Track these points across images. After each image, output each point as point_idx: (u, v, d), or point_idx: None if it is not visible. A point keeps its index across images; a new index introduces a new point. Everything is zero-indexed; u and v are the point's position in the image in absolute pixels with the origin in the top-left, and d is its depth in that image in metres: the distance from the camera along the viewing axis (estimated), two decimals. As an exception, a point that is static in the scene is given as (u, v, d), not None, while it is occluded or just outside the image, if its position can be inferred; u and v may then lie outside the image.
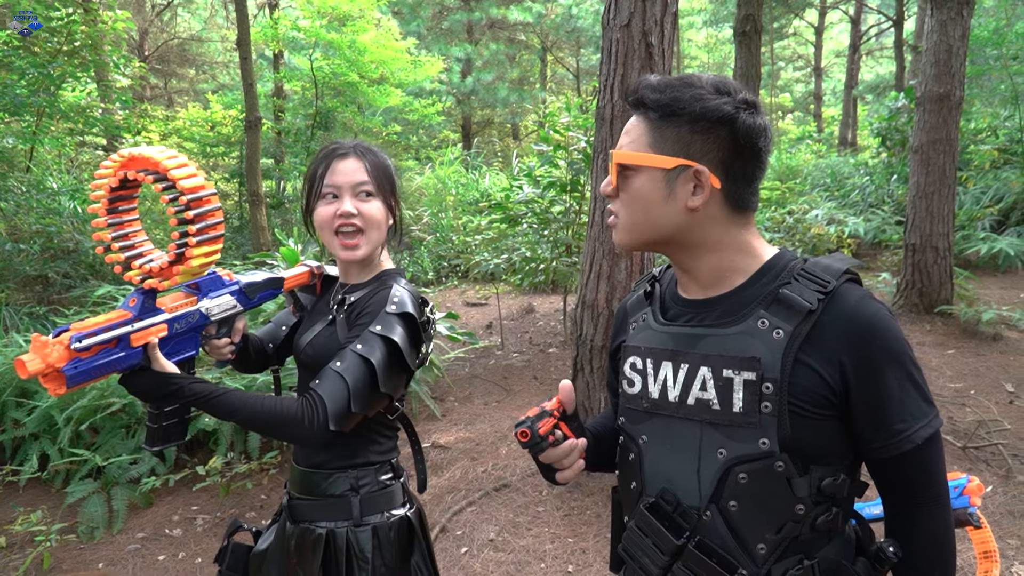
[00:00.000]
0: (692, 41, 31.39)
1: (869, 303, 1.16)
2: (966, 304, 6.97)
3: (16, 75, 8.23)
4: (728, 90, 1.18)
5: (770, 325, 1.16)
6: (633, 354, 1.34)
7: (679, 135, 1.18)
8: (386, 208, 1.82)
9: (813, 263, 1.20)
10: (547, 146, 7.27)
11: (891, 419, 1.15)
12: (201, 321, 1.66)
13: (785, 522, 1.17)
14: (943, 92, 6.83)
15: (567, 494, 4.13)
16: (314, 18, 12.70)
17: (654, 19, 3.90)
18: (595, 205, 4.17)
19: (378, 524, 1.79)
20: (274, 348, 2.00)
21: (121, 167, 1.53)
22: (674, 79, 1.21)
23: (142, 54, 19.59)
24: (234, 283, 1.75)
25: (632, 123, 1.25)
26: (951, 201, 7.04)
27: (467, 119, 23.58)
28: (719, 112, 1.16)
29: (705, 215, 1.21)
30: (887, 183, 11.84)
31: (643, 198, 1.22)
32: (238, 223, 13.09)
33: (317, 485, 1.80)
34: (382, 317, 1.71)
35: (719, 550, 1.20)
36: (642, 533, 1.28)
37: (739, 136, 1.18)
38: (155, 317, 1.55)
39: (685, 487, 1.24)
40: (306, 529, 1.79)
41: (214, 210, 1.56)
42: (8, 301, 7.06)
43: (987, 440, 4.50)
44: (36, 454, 4.63)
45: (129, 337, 1.48)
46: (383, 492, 1.82)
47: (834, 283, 1.16)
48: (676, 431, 1.26)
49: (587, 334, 4.21)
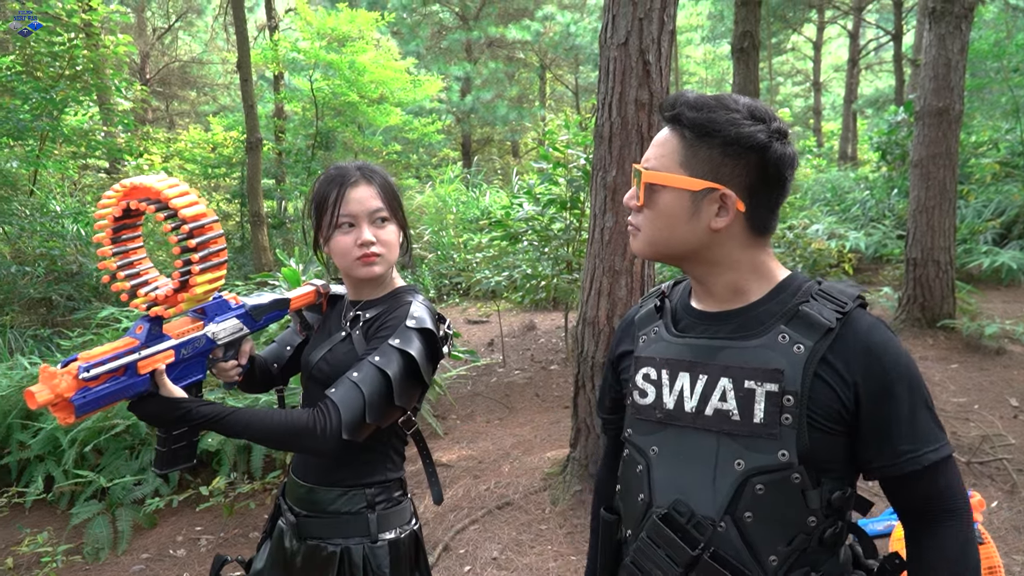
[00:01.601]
0: (691, 57, 31.55)
1: (880, 328, 1.21)
2: (969, 318, 6.97)
3: (19, 100, 8.30)
4: (763, 117, 1.20)
5: (791, 340, 1.19)
6: (647, 365, 1.35)
7: (711, 157, 1.20)
8: (399, 228, 1.85)
9: (829, 285, 1.25)
10: (547, 164, 7.29)
11: (897, 440, 1.17)
12: (208, 346, 1.67)
13: (797, 534, 1.19)
14: (942, 106, 6.85)
15: (570, 512, 4.12)
16: (314, 39, 12.79)
17: (651, 37, 3.94)
18: (595, 222, 4.19)
19: (393, 540, 1.81)
20: (279, 368, 2.01)
21: (123, 197, 1.55)
22: (710, 98, 1.23)
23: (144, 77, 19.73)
24: (240, 306, 1.77)
25: (664, 137, 1.27)
26: (952, 215, 7.05)
27: (467, 137, 23.66)
28: (753, 140, 1.18)
29: (726, 236, 1.24)
30: (887, 197, 11.86)
31: (668, 215, 1.24)
32: (240, 243, 13.11)
33: (331, 503, 1.80)
34: (401, 331, 1.72)
35: (733, 561, 1.21)
36: (654, 544, 1.27)
37: (769, 165, 1.20)
38: (162, 344, 1.57)
39: (700, 498, 1.24)
40: (316, 546, 1.78)
41: (217, 237, 1.58)
42: (13, 324, 7.08)
43: (991, 455, 4.49)
44: (41, 476, 4.64)
45: (136, 365, 1.50)
46: (396, 509, 1.85)
47: (851, 305, 1.20)
48: (691, 442, 1.27)
49: (588, 351, 4.21)
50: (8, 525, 4.48)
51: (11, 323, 7.03)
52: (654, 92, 3.96)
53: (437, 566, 3.76)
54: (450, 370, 6.81)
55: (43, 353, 6.30)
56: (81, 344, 5.55)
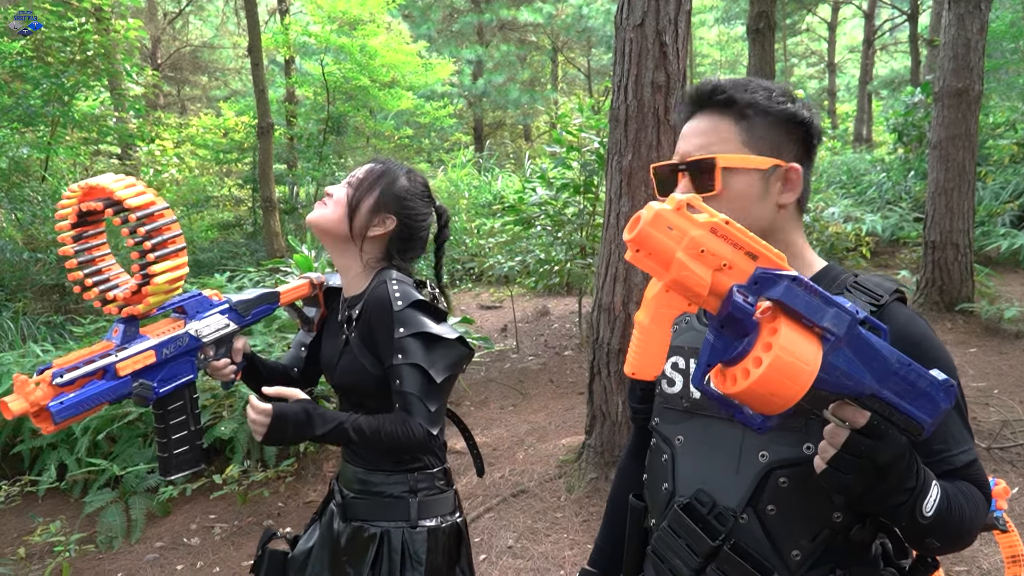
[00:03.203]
0: (704, 39, 31.28)
1: (917, 322, 1.18)
2: (987, 301, 6.88)
3: (30, 85, 8.28)
4: (792, 96, 1.25)
5: None
6: (676, 354, 1.34)
7: (770, 135, 1.23)
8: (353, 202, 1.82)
9: (865, 278, 1.22)
10: (560, 147, 7.24)
11: (930, 439, 1.11)
12: (192, 344, 1.64)
13: (822, 530, 1.16)
14: (962, 87, 6.74)
15: (586, 499, 4.09)
16: (324, 23, 12.70)
17: (668, 18, 3.86)
18: (610, 207, 4.13)
19: (432, 527, 1.82)
20: (300, 372, 1.99)
21: (79, 200, 1.53)
22: (743, 80, 1.26)
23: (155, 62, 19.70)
24: (223, 302, 1.73)
25: (712, 123, 1.25)
26: (970, 197, 6.95)
27: (479, 121, 23.57)
28: (800, 115, 1.23)
29: (787, 215, 1.26)
30: (904, 179, 11.73)
31: (743, 197, 1.23)
32: (252, 229, 13.11)
33: (376, 485, 1.82)
34: (398, 318, 1.73)
35: (754, 554, 1.19)
36: (675, 534, 1.26)
37: (812, 138, 1.26)
38: (141, 344, 1.54)
39: (722, 488, 1.23)
40: (359, 527, 1.81)
41: (168, 224, 1.54)
42: (25, 310, 7.09)
43: (1012, 441, 4.43)
44: (54, 464, 4.64)
45: (115, 367, 1.47)
46: (440, 496, 1.87)
47: (886, 298, 1.18)
48: (716, 432, 1.25)
49: (604, 337, 4.16)
50: (21, 514, 4.49)
51: (24, 310, 7.04)
52: (671, 74, 3.89)
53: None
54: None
55: (55, 340, 6.30)
56: (94, 331, 5.54)
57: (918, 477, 1.03)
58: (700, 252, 0.92)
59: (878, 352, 0.92)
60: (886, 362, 0.92)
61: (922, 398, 0.94)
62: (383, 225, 1.83)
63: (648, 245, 0.95)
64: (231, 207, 14.50)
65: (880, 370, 0.92)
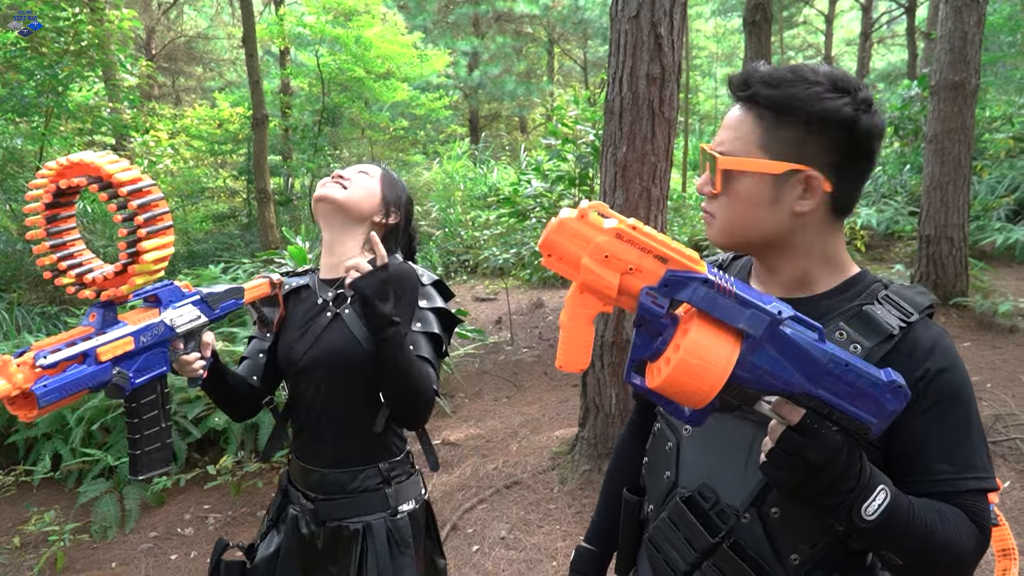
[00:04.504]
0: (700, 31, 31.18)
1: (944, 343, 1.13)
2: (981, 296, 6.90)
3: (24, 76, 8.24)
4: (848, 88, 1.11)
5: (848, 339, 1.13)
6: None
7: (793, 137, 1.12)
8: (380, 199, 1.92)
9: (897, 290, 1.17)
10: (555, 140, 7.24)
11: (936, 459, 1.10)
12: (167, 334, 1.58)
13: (823, 536, 1.14)
14: (958, 80, 6.73)
15: (578, 491, 4.10)
16: (320, 14, 12.66)
17: (663, 10, 3.85)
18: (605, 199, 4.13)
19: (411, 511, 1.87)
20: (259, 380, 1.93)
21: (56, 177, 1.47)
22: (786, 71, 1.13)
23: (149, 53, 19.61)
24: (194, 293, 1.68)
25: (737, 117, 1.17)
26: (966, 191, 6.95)
27: (474, 113, 23.52)
28: (839, 115, 1.09)
29: (809, 220, 1.16)
30: (900, 173, 11.72)
31: (748, 202, 1.16)
32: (246, 221, 13.08)
33: (348, 483, 1.83)
34: (423, 292, 1.86)
35: (752, 555, 1.17)
36: (674, 526, 1.25)
37: (858, 140, 1.12)
38: (120, 330, 1.49)
39: (728, 486, 1.21)
40: (337, 527, 1.81)
41: (157, 200, 1.48)
42: (20, 301, 7.07)
43: (1004, 435, 4.45)
44: (49, 454, 4.64)
45: (95, 351, 1.42)
46: (410, 480, 1.91)
47: (916, 316, 1.13)
48: (727, 427, 1.22)
49: (597, 330, 4.17)
50: (15, 503, 4.49)
51: (18, 300, 7.02)
52: (666, 66, 3.89)
53: (445, 545, 3.75)
54: (458, 348, 6.78)
55: (50, 331, 6.30)
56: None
57: (859, 478, 1.00)
58: (605, 257, 0.98)
59: (806, 352, 0.94)
60: (816, 362, 0.94)
61: (863, 398, 0.96)
62: (395, 216, 1.94)
63: (556, 251, 1.01)
64: (226, 198, 14.45)
65: (811, 369, 0.94)
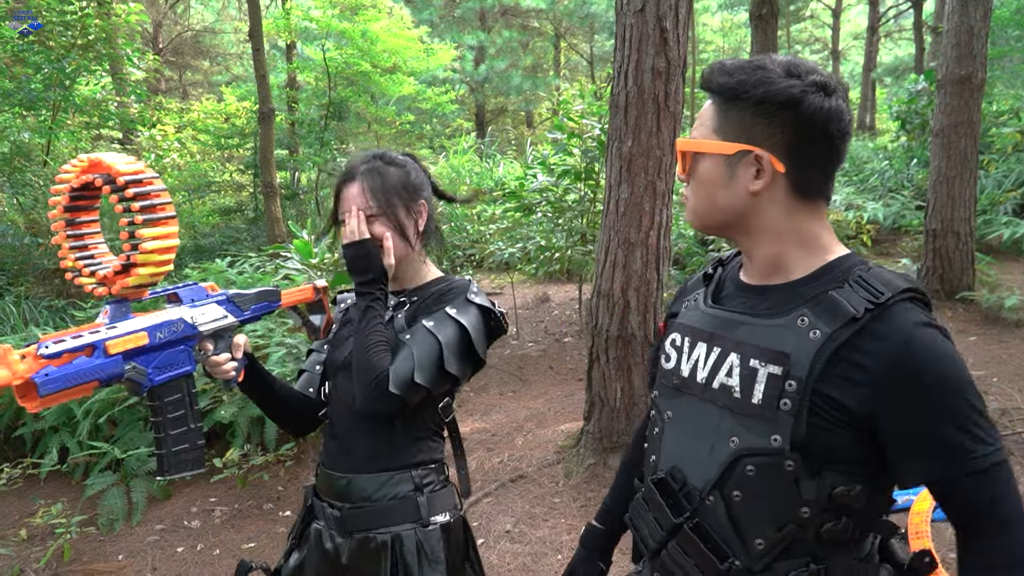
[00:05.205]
0: (707, 25, 31.08)
1: (926, 330, 1.09)
2: (988, 290, 6.88)
3: (32, 70, 8.26)
4: (798, 72, 1.16)
5: (808, 324, 1.13)
6: (676, 331, 1.36)
7: (742, 119, 1.17)
8: (395, 223, 1.76)
9: (875, 273, 1.15)
10: (561, 134, 7.22)
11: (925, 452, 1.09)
12: (188, 331, 1.56)
13: (787, 522, 1.15)
14: (964, 74, 6.71)
15: (584, 485, 4.11)
16: (326, 7, 12.66)
17: (669, 4, 3.85)
18: (610, 194, 4.13)
19: (444, 523, 1.76)
20: (315, 391, 1.91)
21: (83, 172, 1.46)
22: (746, 62, 1.19)
23: (156, 47, 19.64)
24: (219, 293, 1.67)
25: (704, 107, 1.25)
26: (972, 185, 6.94)
27: (480, 107, 23.52)
28: (784, 95, 1.14)
29: (768, 199, 1.19)
30: (907, 167, 11.68)
31: (706, 182, 1.23)
32: (253, 215, 13.10)
33: (376, 489, 1.73)
34: (461, 303, 1.74)
35: (716, 537, 1.20)
36: (646, 505, 1.31)
37: (805, 121, 1.14)
38: (132, 323, 1.47)
39: (694, 469, 1.24)
40: (364, 539, 1.71)
41: (157, 191, 1.45)
42: (27, 294, 7.10)
43: (1011, 429, 4.43)
44: (56, 447, 4.66)
45: (104, 344, 1.40)
46: (444, 491, 1.80)
47: (887, 296, 1.10)
48: (698, 412, 1.26)
49: (603, 324, 4.17)
50: (23, 496, 4.52)
51: (25, 294, 7.05)
52: (671, 60, 3.88)
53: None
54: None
55: (57, 324, 6.33)
56: (96, 315, 5.55)
57: None
58: None
59: None
60: None
61: None
62: (422, 213, 1.82)
63: None
64: (232, 192, 14.48)
65: None
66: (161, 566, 3.84)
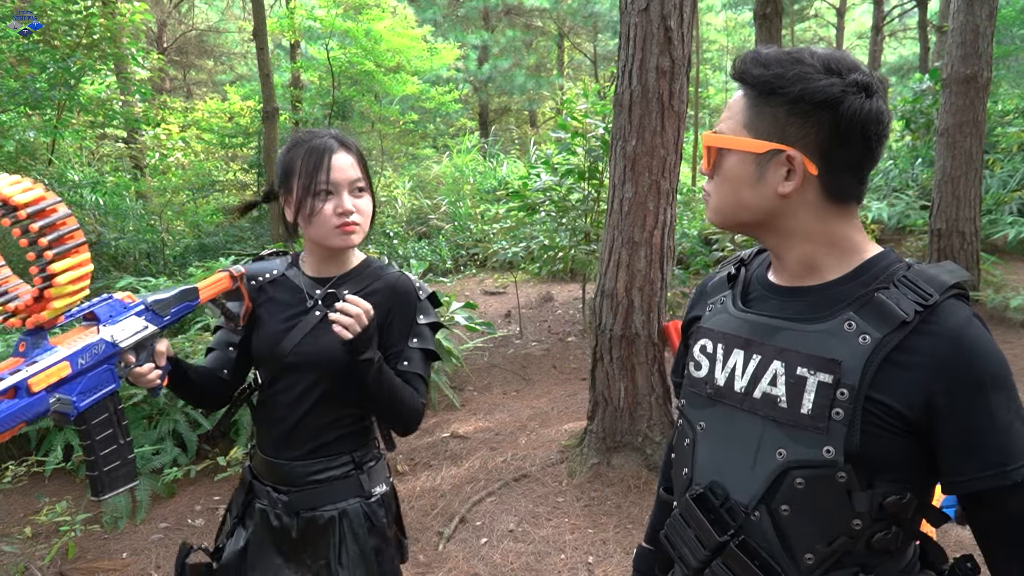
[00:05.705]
0: (711, 24, 31.04)
1: (973, 326, 1.06)
2: (993, 290, 6.87)
3: (36, 69, 8.28)
4: (839, 69, 1.09)
5: (857, 329, 1.08)
6: (705, 336, 1.29)
7: (776, 116, 1.11)
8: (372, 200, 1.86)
9: (918, 271, 1.11)
10: (565, 133, 7.23)
11: (985, 452, 1.05)
12: (109, 351, 1.49)
13: (838, 535, 1.10)
14: (970, 73, 6.70)
15: (587, 484, 4.11)
16: (330, 7, 12.66)
17: (673, 3, 3.84)
18: (614, 193, 4.12)
19: (383, 493, 1.90)
20: (230, 373, 1.90)
21: None
22: (784, 53, 1.13)
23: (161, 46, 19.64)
24: (137, 304, 1.60)
25: (735, 99, 1.18)
26: (978, 185, 6.92)
27: (484, 107, 23.50)
28: (822, 94, 1.07)
29: (799, 202, 1.14)
30: (911, 167, 11.66)
31: (733, 180, 1.17)
32: (257, 213, 13.10)
33: (320, 472, 1.82)
34: (420, 307, 1.86)
35: (763, 553, 1.14)
36: (685, 523, 1.23)
37: (843, 121, 1.08)
38: (52, 355, 1.39)
39: (737, 482, 1.18)
40: (312, 517, 1.81)
41: (63, 218, 1.37)
42: None
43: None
44: (61, 445, 4.66)
45: (27, 383, 1.33)
46: (379, 464, 1.92)
47: (936, 297, 1.06)
48: (737, 423, 1.20)
49: (606, 323, 4.17)
50: (27, 494, 4.52)
51: None
52: (675, 59, 3.88)
53: (454, 538, 3.77)
54: (467, 342, 6.79)
55: (62, 323, 6.32)
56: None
57: None
58: None
59: None
60: None
61: None
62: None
63: None
64: (236, 191, 14.49)
65: None
66: (165, 564, 3.84)
